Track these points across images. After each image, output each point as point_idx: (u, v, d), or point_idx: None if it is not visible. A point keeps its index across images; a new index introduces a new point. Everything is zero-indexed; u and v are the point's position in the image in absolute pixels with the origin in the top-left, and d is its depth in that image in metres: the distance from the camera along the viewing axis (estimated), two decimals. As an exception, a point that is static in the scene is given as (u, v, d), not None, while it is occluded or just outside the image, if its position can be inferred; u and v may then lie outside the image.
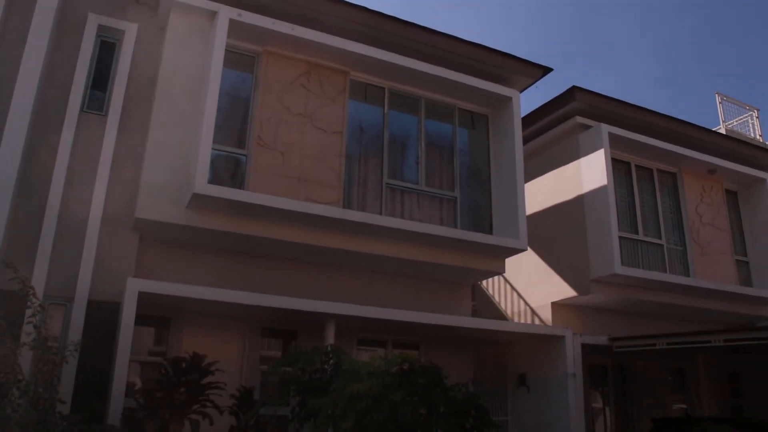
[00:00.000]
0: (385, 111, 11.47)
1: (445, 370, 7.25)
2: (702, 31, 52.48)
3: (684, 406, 15.42)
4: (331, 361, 7.74)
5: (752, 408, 15.60)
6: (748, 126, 19.78)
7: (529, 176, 13.59)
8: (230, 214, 9.44)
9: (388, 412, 6.22)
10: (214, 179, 9.46)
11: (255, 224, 9.63)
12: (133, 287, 8.47)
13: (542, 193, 13.95)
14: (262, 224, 9.67)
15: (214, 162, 9.65)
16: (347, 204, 10.60)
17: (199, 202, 9.08)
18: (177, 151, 9.38)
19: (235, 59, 10.32)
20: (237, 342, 10.34)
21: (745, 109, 20.18)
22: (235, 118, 10.25)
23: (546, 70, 12.39)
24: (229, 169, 10.03)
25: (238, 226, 9.52)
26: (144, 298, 8.52)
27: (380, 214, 10.74)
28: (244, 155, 10.07)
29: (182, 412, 8.15)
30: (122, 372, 8.19)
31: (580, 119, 13.44)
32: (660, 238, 13.87)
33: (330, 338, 9.83)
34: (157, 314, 9.76)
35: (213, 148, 9.37)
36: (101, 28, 9.97)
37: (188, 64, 9.84)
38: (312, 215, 9.68)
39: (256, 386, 9.83)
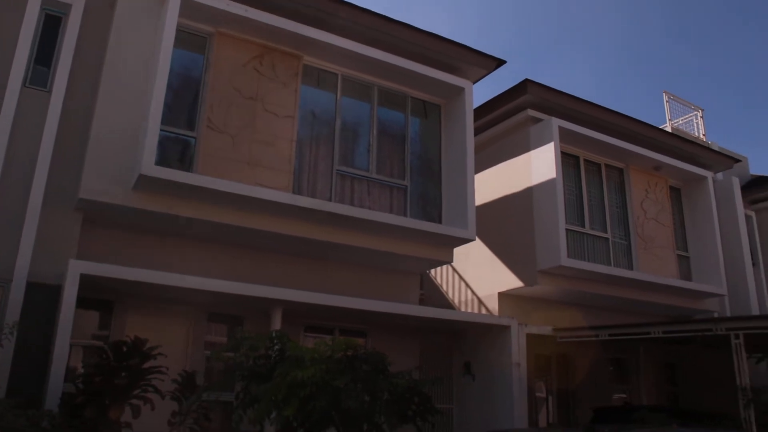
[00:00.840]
0: (338, 97, 11.41)
1: (391, 358, 7.28)
2: (654, 32, 53.55)
3: (624, 395, 15.81)
4: (276, 347, 7.68)
5: (687, 397, 16.11)
6: (693, 125, 20.26)
7: (480, 167, 13.70)
8: (177, 197, 9.28)
9: (331, 399, 6.21)
10: (161, 161, 9.27)
11: (203, 208, 9.50)
12: (75, 269, 8.29)
13: (492, 184, 14.07)
14: (210, 208, 9.54)
15: (162, 143, 9.46)
16: (297, 189, 10.53)
17: (145, 183, 8.91)
18: (124, 131, 9.19)
19: (186, 39, 10.12)
20: (182, 327, 10.20)
21: (691, 108, 20.66)
22: (184, 100, 10.07)
23: (499, 62, 12.48)
24: (177, 151, 9.87)
25: (185, 209, 9.37)
26: (86, 281, 8.34)
27: (330, 200, 10.69)
28: (193, 137, 9.90)
29: (123, 397, 7.99)
30: (62, 356, 8.02)
31: (531, 112, 13.59)
32: (606, 232, 14.15)
33: (277, 324, 9.78)
34: (100, 297, 9.55)
35: (161, 129, 9.20)
36: (46, 1, 9.64)
37: (138, 42, 9.62)
38: (261, 200, 9.59)
39: (199, 371, 9.72)
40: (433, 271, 15.11)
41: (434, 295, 14.87)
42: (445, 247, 11.56)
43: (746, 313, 15.64)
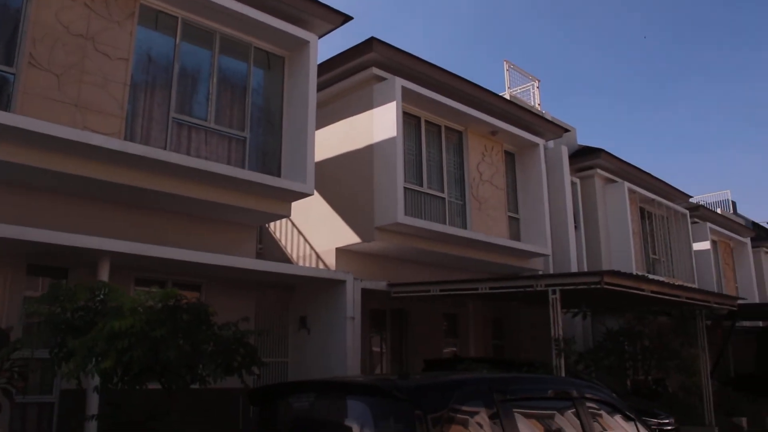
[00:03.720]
0: (177, 42, 10.92)
1: (226, 311, 7.21)
2: (504, 7, 55.51)
3: (455, 348, 16.64)
4: (99, 298, 7.35)
5: (511, 349, 17.23)
6: (530, 94, 21.34)
7: (322, 123, 13.69)
8: (-5, 139, 8.54)
9: (150, 350, 6.05)
10: (-28, 97, 8.50)
11: (24, 152, 8.77)
12: None
13: (334, 140, 14.11)
14: (30, 152, 8.85)
15: (-26, 78, 8.66)
16: (130, 136, 10.03)
17: (-46, 122, 8.13)
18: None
19: (4, -35, 9.26)
20: (-3, 278, 9.50)
21: (528, 78, 21.72)
22: (1, 32, 9.23)
23: (346, 18, 12.44)
24: (-9, 88, 9.07)
25: (5, 152, 8.66)
26: None
27: (165, 149, 10.29)
28: (11, 74, 9.12)
29: None
30: None
31: (376, 71, 13.68)
32: (443, 192, 14.65)
33: (104, 277, 9.33)
34: None
35: (-28, 62, 8.40)
36: None
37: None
38: (89, 145, 9.03)
39: (16, 328, 9.09)
40: (272, 225, 15.03)
41: (273, 250, 14.81)
42: (283, 200, 11.50)
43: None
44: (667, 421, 12.76)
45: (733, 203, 33.18)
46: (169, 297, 6.64)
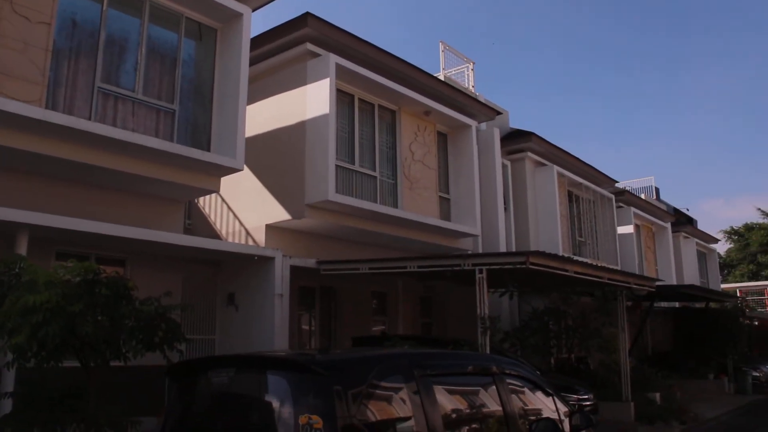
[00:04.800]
0: (104, 8, 10.51)
1: (152, 287, 7.04)
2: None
3: (384, 326, 16.78)
4: (14, 272, 7.10)
5: (439, 327, 17.48)
6: (464, 76, 21.50)
7: (254, 97, 13.47)
8: None
9: (66, 325, 5.88)
10: None
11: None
12: None
13: (266, 115, 13.91)
14: (-62, 118, 8.46)
15: None
16: (52, 105, 9.65)
17: None
18: None
19: None
20: None
21: (463, 60, 21.87)
22: None
23: (279, -9, 12.24)
24: None
25: None
26: None
27: (90, 119, 9.95)
28: None
29: None
30: None
31: (310, 46, 13.52)
32: (374, 171, 14.65)
33: (22, 250, 8.99)
34: None
35: None
36: None
37: None
38: (6, 113, 8.65)
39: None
40: (202, 201, 14.78)
41: (202, 226, 14.57)
42: (212, 175, 11.30)
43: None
44: (586, 396, 13.22)
45: (657, 189, 34.35)
46: (88, 271, 6.45)
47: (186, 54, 11.62)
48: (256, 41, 13.19)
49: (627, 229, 25.65)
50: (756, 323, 31.68)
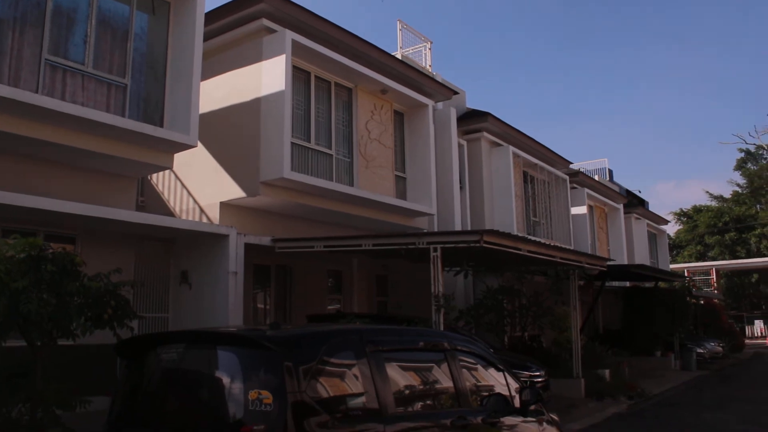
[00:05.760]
0: (51, -22, 10.22)
1: (103, 264, 6.92)
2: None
3: (339, 305, 16.82)
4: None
5: (393, 306, 17.58)
6: (422, 55, 21.47)
7: (209, 73, 13.23)
8: None
9: (10, 302, 5.75)
10: None
11: None
12: None
13: (220, 91, 13.69)
14: None
15: None
16: (-5, 77, 9.38)
17: None
18: None
19: None
20: None
21: (421, 40, 21.83)
22: None
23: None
24: None
25: None
26: None
27: (36, 92, 9.68)
28: None
29: None
30: None
31: (266, 22, 13.31)
32: (330, 149, 14.58)
33: (-34, 226, 8.79)
34: None
35: None
36: None
37: None
38: (-55, 84, 8.40)
39: None
40: (155, 178, 14.54)
41: (155, 203, 14.34)
42: (165, 152, 11.13)
43: (451, 232, 17.26)
44: (538, 373, 13.46)
45: (610, 171, 34.94)
46: (32, 246, 6.31)
47: (138, 27, 11.37)
48: (211, 16, 12.93)
49: (580, 210, 26.06)
50: (702, 302, 32.67)
